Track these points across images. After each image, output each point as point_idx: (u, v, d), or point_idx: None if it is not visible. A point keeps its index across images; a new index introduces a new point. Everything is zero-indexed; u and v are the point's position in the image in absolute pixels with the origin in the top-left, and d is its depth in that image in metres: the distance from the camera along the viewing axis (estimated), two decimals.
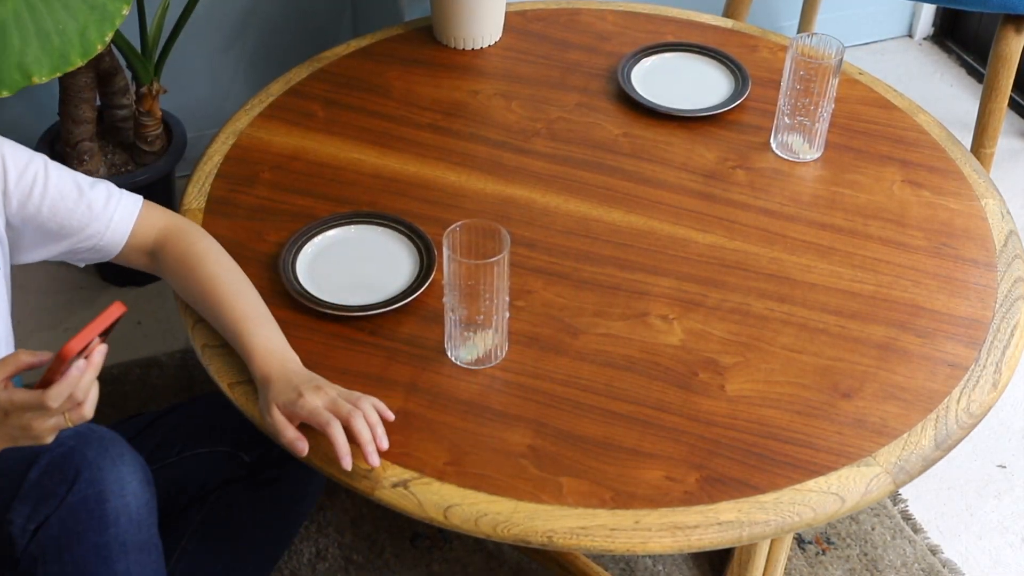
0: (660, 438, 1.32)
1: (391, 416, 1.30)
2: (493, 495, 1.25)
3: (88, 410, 1.18)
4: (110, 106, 2.21)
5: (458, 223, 1.33)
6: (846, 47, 1.62)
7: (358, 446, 1.26)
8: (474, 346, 1.38)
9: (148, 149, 2.19)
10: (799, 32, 2.76)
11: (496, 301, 1.34)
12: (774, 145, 1.71)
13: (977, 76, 2.95)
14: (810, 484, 1.28)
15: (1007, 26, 2.24)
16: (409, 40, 1.93)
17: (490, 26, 1.90)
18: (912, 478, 1.31)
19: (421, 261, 1.50)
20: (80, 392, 1.16)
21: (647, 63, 1.86)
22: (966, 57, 3.00)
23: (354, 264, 1.51)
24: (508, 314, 1.38)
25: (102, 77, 2.15)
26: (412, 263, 1.50)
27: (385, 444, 1.27)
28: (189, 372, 2.14)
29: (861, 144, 1.73)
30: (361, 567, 1.83)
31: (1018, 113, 2.87)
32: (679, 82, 1.83)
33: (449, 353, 1.40)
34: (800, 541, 1.91)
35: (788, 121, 1.67)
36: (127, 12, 1.64)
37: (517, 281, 1.49)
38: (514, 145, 1.72)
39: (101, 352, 1.16)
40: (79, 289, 2.30)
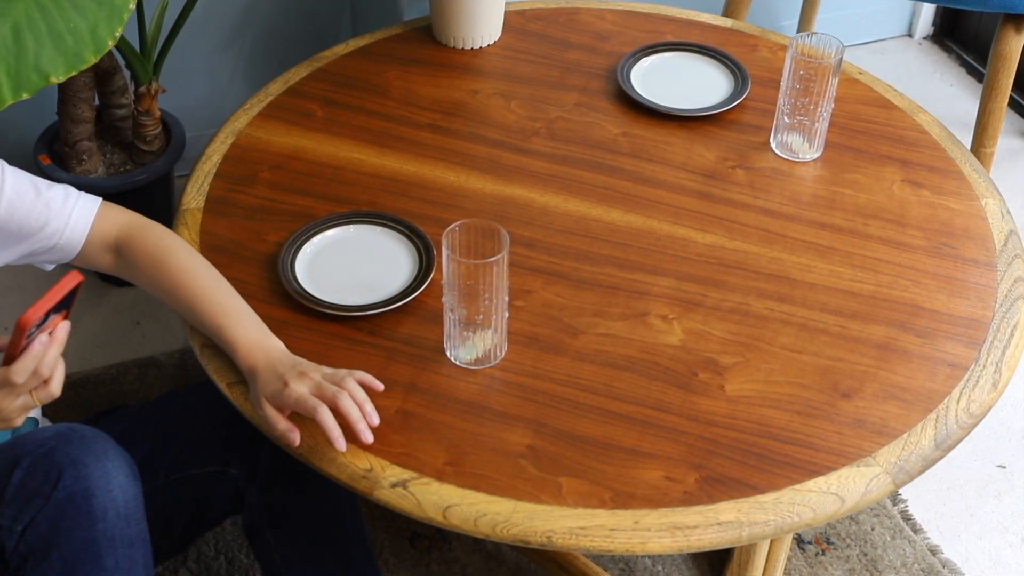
0: (660, 438, 1.32)
1: (379, 386, 1.30)
2: (492, 495, 1.25)
3: (55, 387, 1.18)
4: (109, 106, 2.21)
5: (457, 223, 1.32)
6: (846, 46, 1.62)
7: (349, 427, 1.26)
8: (473, 346, 1.38)
9: (147, 149, 2.19)
10: (799, 31, 2.76)
11: (495, 301, 1.34)
12: (774, 145, 1.71)
13: (977, 75, 2.95)
14: (810, 484, 1.28)
15: (1007, 25, 2.24)
16: (408, 40, 1.93)
17: (489, 26, 1.90)
18: (912, 478, 1.31)
19: (420, 261, 1.50)
20: (45, 368, 1.16)
21: (646, 63, 1.86)
22: (966, 56, 3.00)
23: (353, 264, 1.50)
24: (507, 314, 1.38)
25: (101, 77, 2.15)
26: (411, 263, 1.50)
27: (375, 420, 1.28)
28: (187, 372, 2.14)
29: (861, 144, 1.73)
30: None
31: (1018, 113, 2.87)
32: (678, 82, 1.83)
33: (448, 353, 1.40)
34: (800, 541, 1.91)
35: (788, 121, 1.67)
36: (133, 6, 1.64)
37: (516, 281, 1.49)
38: (513, 145, 1.71)
39: (64, 328, 1.16)
40: None
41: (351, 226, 1.55)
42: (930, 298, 1.49)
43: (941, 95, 2.89)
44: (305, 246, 1.51)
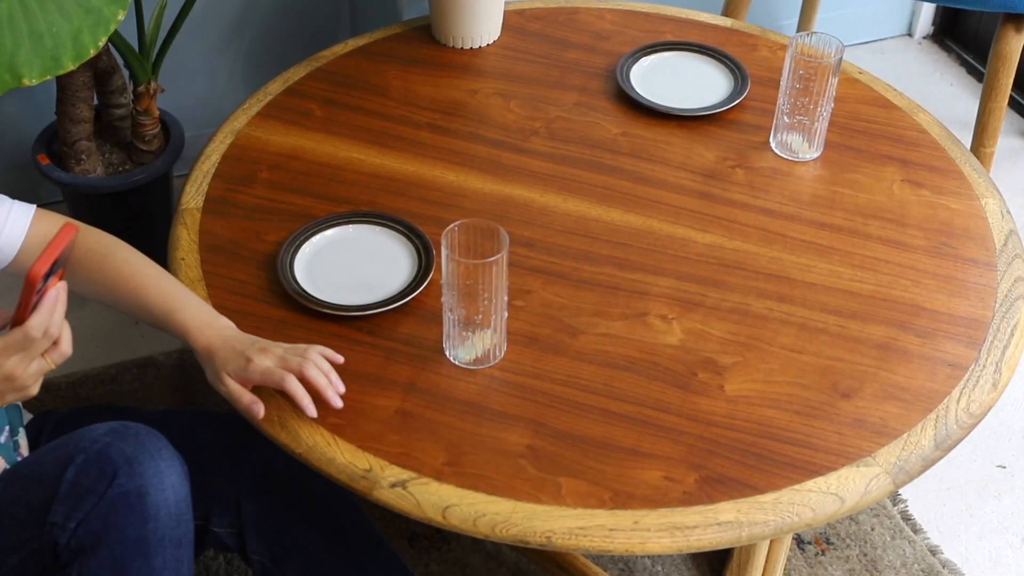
0: (659, 438, 1.32)
1: (339, 359, 1.34)
2: (492, 495, 1.25)
3: (67, 346, 1.19)
4: (107, 105, 2.20)
5: (456, 223, 1.32)
6: (846, 46, 1.62)
7: (318, 395, 1.29)
8: (473, 346, 1.38)
9: (146, 148, 2.19)
10: (798, 31, 2.75)
11: (495, 301, 1.34)
12: (773, 144, 1.71)
13: (977, 75, 2.95)
14: (809, 484, 1.27)
15: (1007, 25, 2.24)
16: (407, 39, 1.92)
17: (488, 25, 1.90)
18: (912, 478, 1.31)
19: (419, 261, 1.50)
20: (55, 327, 1.16)
21: (646, 62, 1.86)
22: (966, 56, 3.00)
23: (352, 264, 1.50)
24: (507, 314, 1.38)
25: (99, 76, 2.14)
26: (410, 263, 1.50)
27: (341, 387, 1.31)
28: (186, 372, 2.13)
29: (861, 143, 1.72)
30: None
31: (1018, 112, 2.87)
32: (678, 81, 1.83)
33: (447, 353, 1.40)
34: (799, 541, 1.91)
35: (787, 120, 1.67)
36: (122, 17, 1.63)
37: (516, 281, 1.49)
38: (513, 144, 1.71)
39: (63, 289, 1.16)
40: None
41: (350, 226, 1.55)
42: (930, 298, 1.49)
43: (941, 95, 2.89)
44: (304, 246, 1.51)
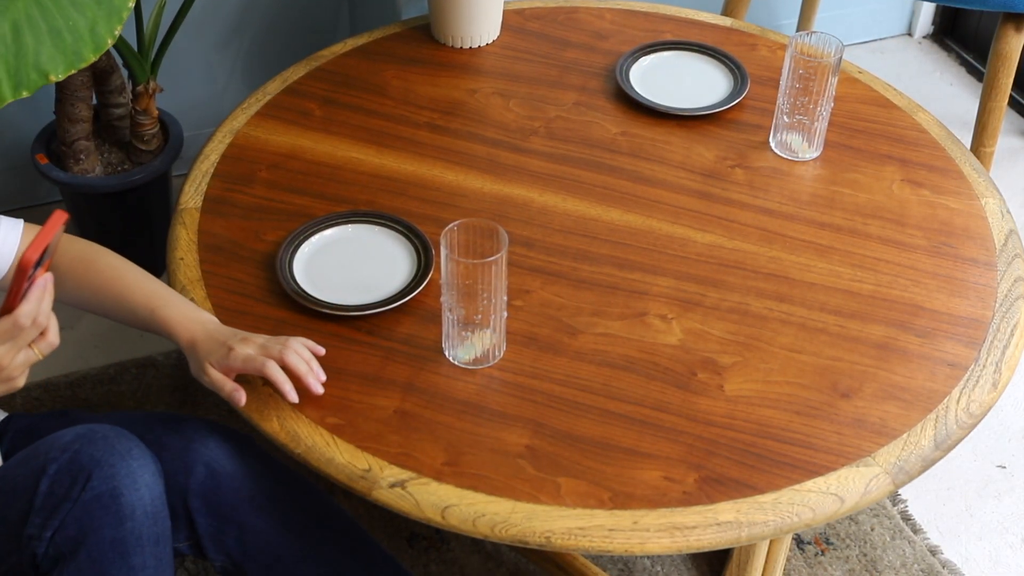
0: (658, 438, 1.31)
1: (320, 350, 1.35)
2: (491, 495, 1.25)
3: (54, 335, 1.19)
4: (106, 105, 2.20)
5: (456, 222, 1.32)
6: (845, 45, 1.62)
7: (299, 381, 1.31)
8: (472, 346, 1.37)
9: (144, 148, 2.19)
10: (798, 30, 2.75)
11: (494, 301, 1.33)
12: (773, 144, 1.71)
13: (977, 75, 2.95)
14: (809, 484, 1.27)
15: (1007, 24, 2.24)
16: (406, 39, 1.92)
17: (488, 25, 1.90)
18: (911, 478, 1.31)
19: (419, 260, 1.49)
20: (43, 316, 1.16)
21: (645, 62, 1.86)
22: (966, 55, 3.00)
23: (351, 263, 1.50)
24: (506, 314, 1.38)
25: (98, 76, 2.14)
26: (409, 262, 1.50)
27: (322, 375, 1.33)
28: (185, 372, 2.13)
29: (860, 143, 1.72)
30: None
31: (1018, 112, 2.86)
32: (678, 81, 1.83)
33: (447, 353, 1.39)
34: (799, 542, 1.91)
35: (787, 120, 1.67)
36: (133, 4, 1.64)
37: (515, 280, 1.48)
38: (512, 144, 1.71)
39: (51, 279, 1.16)
40: None
41: (349, 226, 1.54)
42: (930, 298, 1.49)
43: (941, 94, 2.89)
44: (303, 246, 1.51)
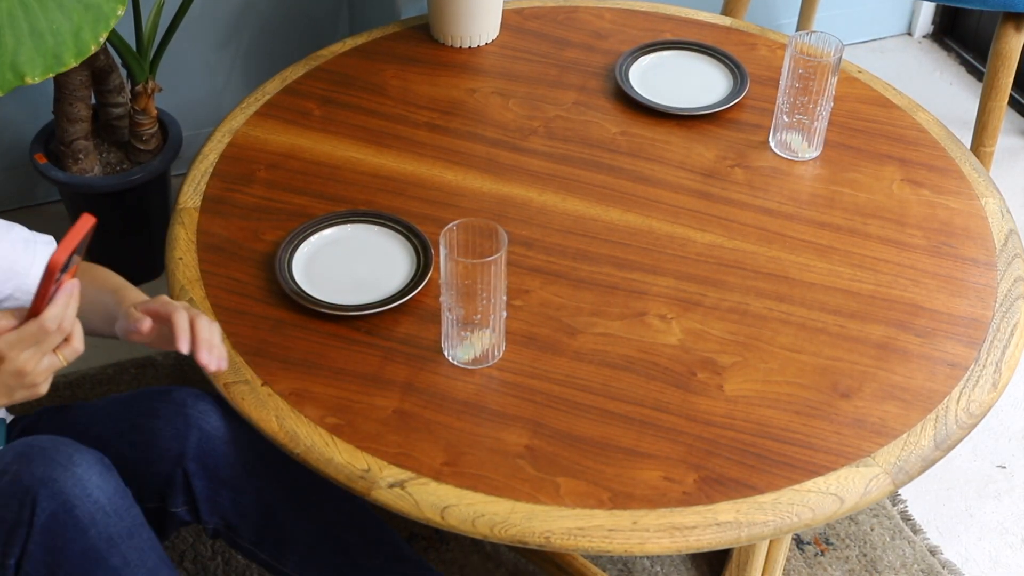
0: (658, 438, 1.31)
1: (224, 367, 1.29)
2: (490, 495, 1.25)
3: (78, 342, 1.17)
4: (105, 104, 2.20)
5: (455, 222, 1.32)
6: (845, 45, 1.62)
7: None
8: (471, 346, 1.37)
9: (143, 148, 2.18)
10: (798, 30, 2.75)
11: (493, 300, 1.33)
12: (773, 144, 1.71)
13: (977, 74, 2.95)
14: (809, 484, 1.27)
15: (1007, 24, 2.24)
16: (406, 38, 1.92)
17: (487, 24, 1.89)
18: (911, 478, 1.30)
19: (418, 260, 1.49)
20: (67, 321, 1.15)
21: (645, 61, 1.86)
22: (966, 55, 3.00)
23: (350, 263, 1.50)
24: (505, 313, 1.38)
25: (97, 75, 2.14)
26: (409, 262, 1.50)
27: (224, 364, 1.28)
28: (184, 372, 2.13)
29: (860, 143, 1.72)
30: None
31: (1018, 111, 2.86)
32: (677, 80, 1.82)
33: (446, 353, 1.39)
34: (799, 542, 1.91)
35: (787, 119, 1.67)
36: (122, 13, 1.63)
37: (514, 280, 1.48)
38: (511, 144, 1.71)
39: (77, 284, 1.16)
40: None
41: (348, 225, 1.54)
42: (930, 298, 1.48)
43: (941, 94, 2.89)
44: (302, 245, 1.51)
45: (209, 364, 1.26)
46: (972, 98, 2.86)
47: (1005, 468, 2.06)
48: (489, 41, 1.91)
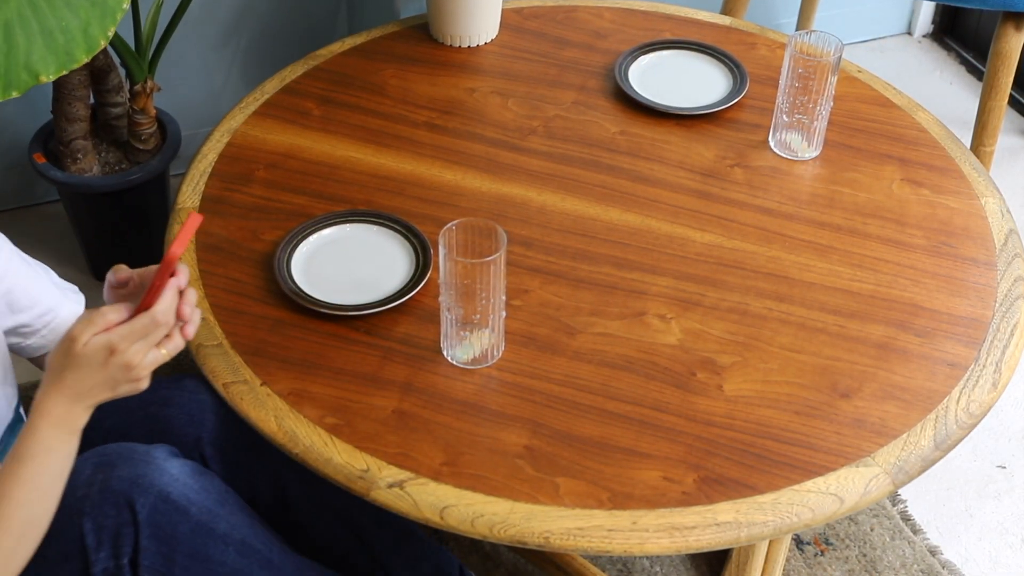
0: (658, 438, 1.31)
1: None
2: (489, 496, 1.25)
3: (180, 338, 1.19)
4: (104, 104, 2.20)
5: (454, 222, 1.32)
6: (845, 44, 1.61)
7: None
8: (470, 345, 1.37)
9: (142, 147, 2.18)
10: (797, 29, 2.75)
11: (492, 300, 1.33)
12: (772, 143, 1.70)
13: (977, 74, 2.95)
14: (808, 484, 1.27)
15: (1007, 23, 2.24)
16: (405, 38, 1.92)
17: (486, 23, 1.89)
18: (911, 479, 1.30)
19: (417, 260, 1.49)
20: (188, 308, 1.18)
21: (644, 61, 1.85)
22: (965, 54, 3.00)
23: (349, 263, 1.50)
24: (504, 313, 1.37)
25: (96, 75, 2.14)
26: (408, 262, 1.49)
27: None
28: (183, 371, 2.12)
29: (860, 142, 1.72)
30: None
31: (1018, 111, 2.86)
32: (677, 80, 1.82)
33: (445, 353, 1.39)
34: (798, 542, 1.91)
35: (786, 119, 1.66)
36: (127, 6, 1.63)
37: (514, 280, 1.48)
38: (511, 143, 1.71)
39: (184, 273, 1.19)
40: None
41: (347, 225, 1.54)
42: (929, 297, 1.48)
43: (940, 93, 2.89)
44: (301, 245, 1.51)
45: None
46: (972, 98, 2.86)
47: (1005, 468, 2.06)
48: (488, 40, 1.91)
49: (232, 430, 1.44)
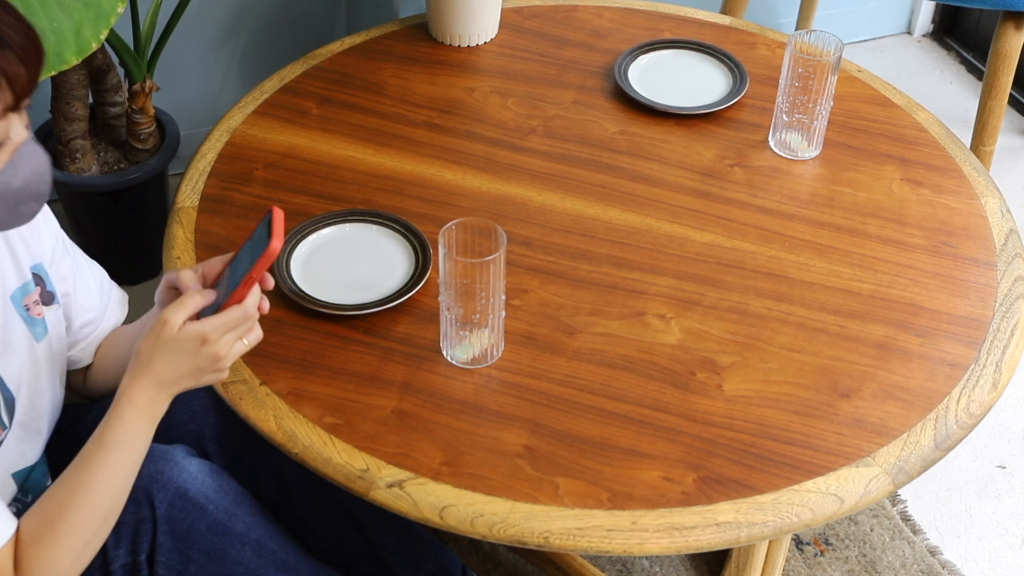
0: (657, 438, 1.31)
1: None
2: (489, 496, 1.24)
3: (260, 329, 1.23)
4: (102, 104, 2.19)
5: (454, 221, 1.31)
6: (845, 44, 1.61)
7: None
8: (470, 345, 1.37)
9: (141, 147, 2.18)
10: (797, 29, 2.75)
11: (492, 300, 1.33)
12: (772, 143, 1.70)
13: (977, 73, 2.94)
14: (808, 485, 1.27)
15: (1007, 23, 2.24)
16: (404, 37, 1.92)
17: (486, 23, 1.89)
18: (911, 479, 1.30)
19: (416, 260, 1.49)
20: (266, 302, 1.22)
21: (644, 60, 1.85)
22: (965, 54, 3.00)
23: (349, 263, 1.49)
24: (504, 313, 1.37)
25: (94, 74, 2.13)
26: (407, 262, 1.49)
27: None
28: None
29: (860, 142, 1.72)
30: None
31: (1018, 110, 2.86)
32: (676, 79, 1.82)
33: (445, 352, 1.39)
34: (798, 542, 1.90)
35: (786, 119, 1.66)
36: (122, 10, 1.63)
37: (513, 280, 1.48)
38: (510, 143, 1.70)
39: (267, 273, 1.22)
40: None
41: (347, 225, 1.54)
42: (930, 297, 1.48)
43: (940, 93, 2.89)
44: (300, 245, 1.50)
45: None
46: (972, 97, 2.86)
47: (1005, 468, 2.06)
48: (488, 40, 1.91)
49: (234, 426, 1.45)
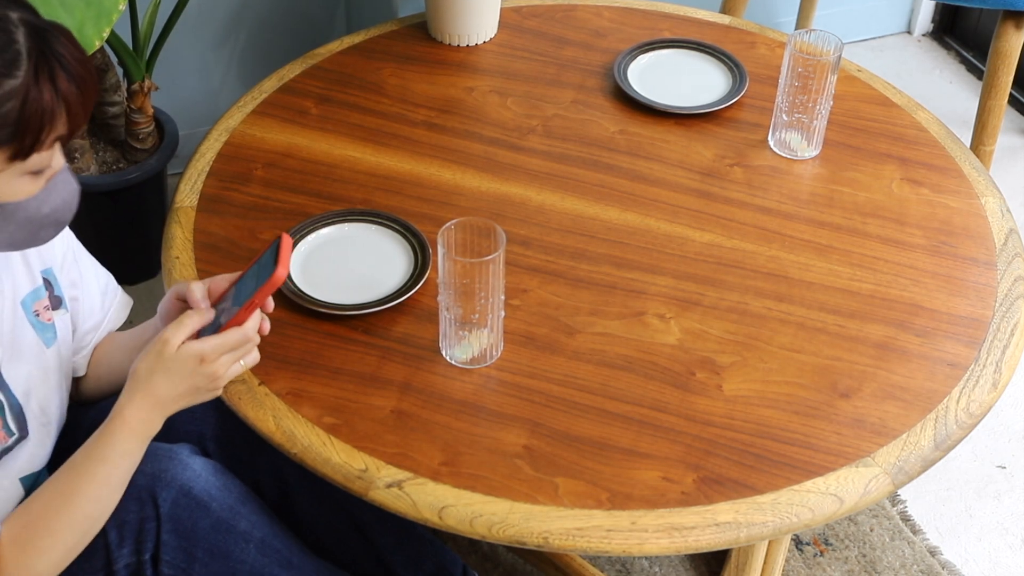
0: (657, 438, 1.31)
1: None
2: (488, 496, 1.24)
3: (257, 352, 1.25)
4: (101, 103, 2.19)
5: (453, 221, 1.31)
6: (844, 43, 1.61)
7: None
8: (469, 345, 1.37)
9: (140, 147, 2.18)
10: (797, 28, 2.75)
11: (491, 300, 1.33)
12: (772, 142, 1.70)
13: (977, 73, 2.94)
14: (808, 485, 1.26)
15: (1007, 22, 2.23)
16: (403, 36, 1.91)
17: (485, 22, 1.89)
18: (911, 479, 1.30)
19: (415, 259, 1.49)
20: (266, 325, 1.25)
21: (644, 60, 1.85)
22: (965, 53, 2.99)
23: (348, 262, 1.49)
24: (503, 313, 1.37)
25: None
26: (406, 261, 1.49)
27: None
28: None
29: (860, 141, 1.72)
30: None
31: (1018, 110, 2.86)
32: (676, 79, 1.82)
33: (444, 352, 1.39)
34: (798, 542, 1.90)
35: (786, 118, 1.66)
36: (123, 8, 1.63)
37: (512, 280, 1.48)
38: (509, 142, 1.70)
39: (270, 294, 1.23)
40: None
41: (346, 224, 1.54)
42: (929, 297, 1.48)
43: (940, 92, 2.89)
44: (299, 244, 1.50)
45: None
46: (972, 97, 2.86)
47: (1005, 468, 2.06)
48: (487, 39, 1.91)
49: (234, 426, 1.45)
